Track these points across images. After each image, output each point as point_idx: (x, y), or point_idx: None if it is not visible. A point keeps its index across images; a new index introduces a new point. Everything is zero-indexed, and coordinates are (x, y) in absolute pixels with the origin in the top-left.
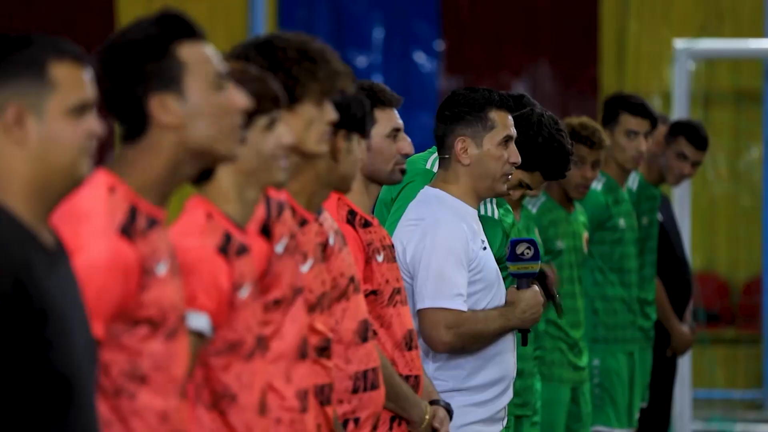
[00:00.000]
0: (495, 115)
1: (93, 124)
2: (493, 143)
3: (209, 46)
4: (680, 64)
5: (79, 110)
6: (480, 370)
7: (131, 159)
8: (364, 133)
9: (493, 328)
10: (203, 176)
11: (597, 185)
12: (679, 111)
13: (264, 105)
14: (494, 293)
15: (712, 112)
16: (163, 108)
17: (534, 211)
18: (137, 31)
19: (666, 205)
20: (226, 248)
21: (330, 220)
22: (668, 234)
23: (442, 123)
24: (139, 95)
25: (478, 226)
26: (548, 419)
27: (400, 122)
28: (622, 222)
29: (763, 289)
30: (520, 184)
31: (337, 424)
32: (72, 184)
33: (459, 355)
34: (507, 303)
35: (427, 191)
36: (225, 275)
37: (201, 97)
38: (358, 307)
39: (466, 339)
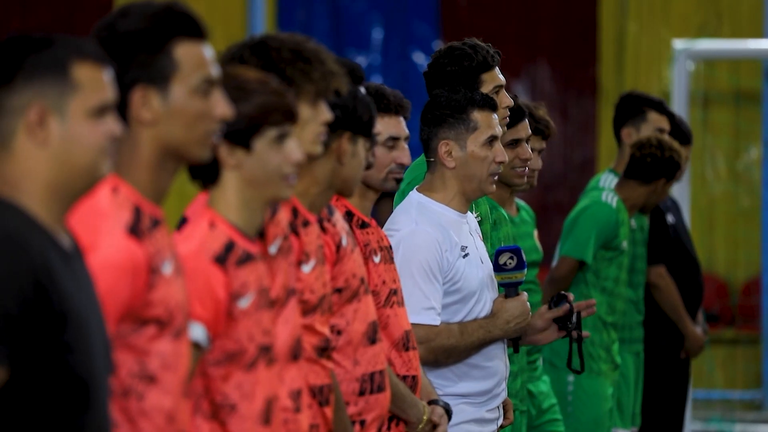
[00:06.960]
0: (478, 115)
1: (113, 125)
2: (477, 144)
3: (208, 47)
4: (679, 65)
5: (100, 111)
6: (466, 378)
7: (123, 157)
8: (370, 137)
9: (471, 341)
10: (210, 178)
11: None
12: (678, 111)
13: (274, 118)
14: (474, 302)
15: (711, 112)
16: (143, 102)
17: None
18: (140, 19)
19: (676, 208)
20: (225, 258)
21: (342, 220)
22: (680, 236)
23: (425, 126)
24: (125, 83)
25: (462, 233)
26: (593, 414)
27: (399, 131)
28: (632, 222)
29: (762, 290)
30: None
31: (349, 425)
32: (91, 185)
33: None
34: (491, 313)
35: (411, 197)
36: (221, 285)
37: (183, 100)
38: (367, 309)
39: (439, 353)
